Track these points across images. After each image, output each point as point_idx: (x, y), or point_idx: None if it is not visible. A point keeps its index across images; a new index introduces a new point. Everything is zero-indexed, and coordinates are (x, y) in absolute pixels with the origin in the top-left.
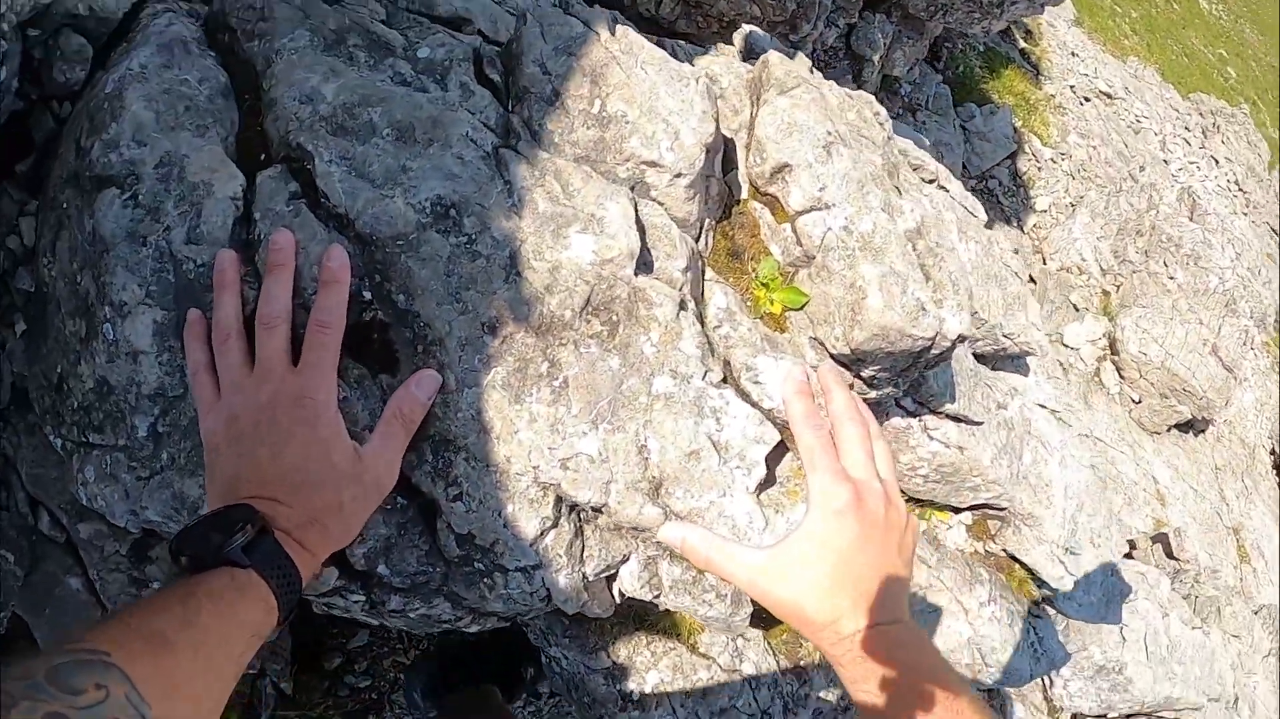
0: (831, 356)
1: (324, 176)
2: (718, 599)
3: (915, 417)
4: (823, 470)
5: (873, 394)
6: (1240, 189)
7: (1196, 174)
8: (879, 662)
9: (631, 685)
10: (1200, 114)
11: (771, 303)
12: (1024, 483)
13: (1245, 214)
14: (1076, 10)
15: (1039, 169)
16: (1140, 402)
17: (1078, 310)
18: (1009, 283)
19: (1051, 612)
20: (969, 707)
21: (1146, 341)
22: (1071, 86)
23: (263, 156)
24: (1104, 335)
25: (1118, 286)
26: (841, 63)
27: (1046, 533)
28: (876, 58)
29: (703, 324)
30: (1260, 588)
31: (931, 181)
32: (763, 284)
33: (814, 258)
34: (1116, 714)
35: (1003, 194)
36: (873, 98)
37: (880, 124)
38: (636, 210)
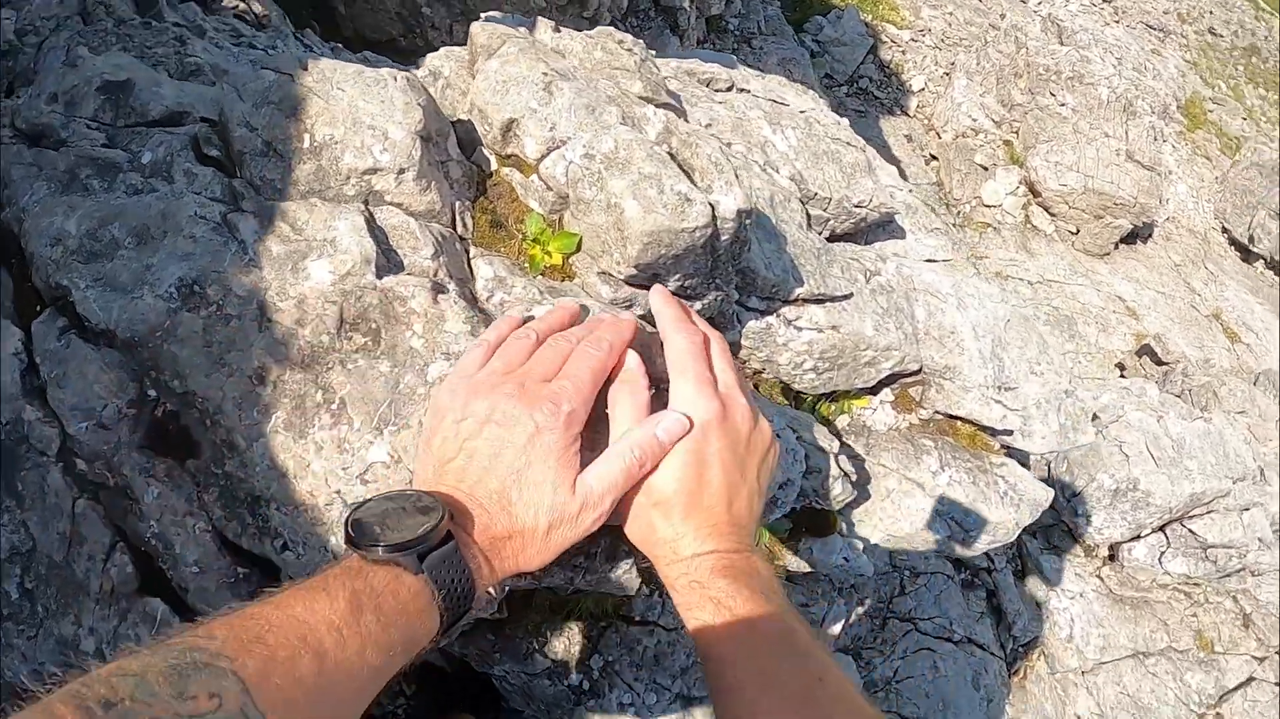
0: (627, 284)
1: (82, 303)
2: (588, 560)
3: (769, 314)
4: (692, 378)
5: (699, 305)
6: (1104, 0)
7: (1055, 1)
8: (710, 589)
9: (577, 678)
10: None
11: (549, 255)
12: (927, 340)
13: (1116, 22)
14: None
15: (903, 53)
16: (1078, 231)
17: (986, 169)
18: (843, 155)
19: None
20: (803, 641)
21: (1061, 172)
22: None
23: (38, 308)
24: (1020, 182)
25: (1016, 132)
26: (655, 21)
27: (970, 378)
28: (686, 3)
29: (476, 300)
30: (1257, 359)
31: (730, 89)
32: (534, 241)
33: (567, 196)
34: (1151, 529)
35: (876, 88)
36: (614, 30)
37: (629, 50)
38: (371, 218)
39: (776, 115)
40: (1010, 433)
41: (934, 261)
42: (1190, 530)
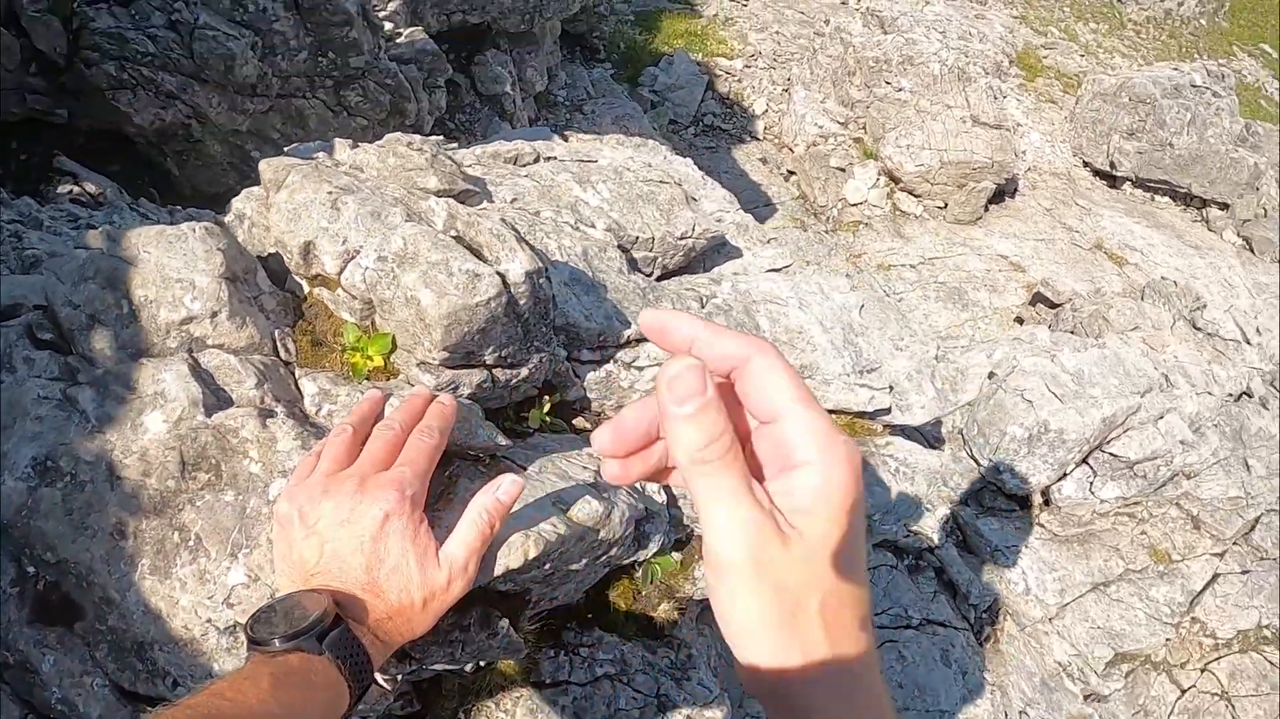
0: (446, 368)
1: None
2: (464, 633)
3: (605, 362)
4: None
5: (525, 370)
6: None
7: None
8: None
9: None
10: None
11: (370, 359)
12: (784, 349)
13: (933, 1)
14: None
15: (739, 81)
16: (946, 205)
17: (844, 170)
18: (658, 195)
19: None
20: None
21: (915, 154)
22: None
23: None
24: (879, 174)
25: (864, 128)
26: (481, 111)
27: (828, 371)
28: (508, 87)
29: (307, 417)
30: (1146, 274)
31: (536, 160)
32: (354, 349)
33: (371, 300)
34: (1074, 464)
35: (721, 121)
36: (402, 135)
37: (419, 149)
38: (195, 364)
39: (585, 174)
40: (887, 410)
41: (775, 270)
42: (1112, 454)
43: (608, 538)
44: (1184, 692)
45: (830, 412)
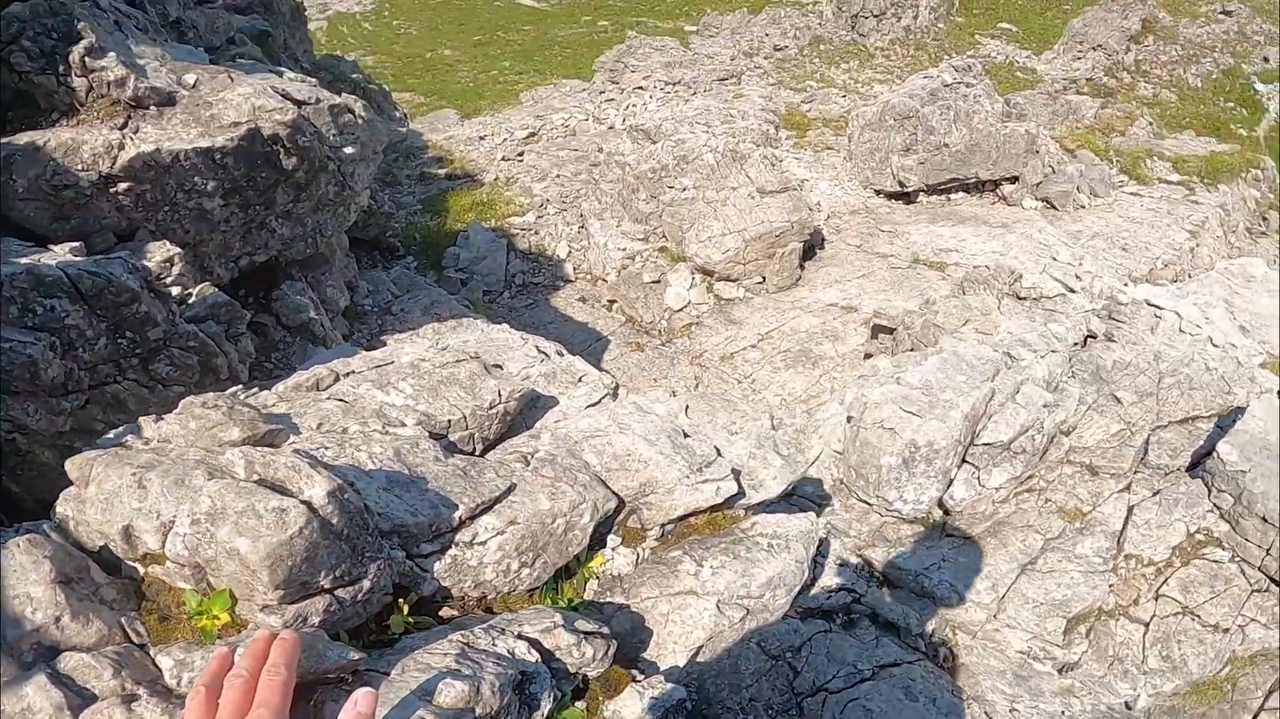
0: (288, 605)
1: None
2: None
3: (448, 548)
4: None
5: (367, 583)
6: (671, 84)
7: (634, 111)
8: None
9: None
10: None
11: (217, 618)
12: (612, 474)
13: (692, 95)
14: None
15: (537, 233)
16: (764, 279)
17: (659, 282)
18: (459, 373)
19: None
20: None
21: (716, 242)
22: (503, 157)
23: None
24: (692, 274)
25: (663, 236)
26: (295, 342)
27: (668, 480)
28: (312, 313)
29: (171, 690)
30: (968, 265)
31: (335, 380)
32: (199, 614)
33: (198, 563)
34: (955, 466)
35: (532, 276)
36: (193, 397)
37: (215, 406)
38: (55, 670)
39: (385, 378)
40: (739, 494)
41: (593, 405)
42: (986, 444)
43: (486, 712)
44: (1147, 625)
45: (683, 517)
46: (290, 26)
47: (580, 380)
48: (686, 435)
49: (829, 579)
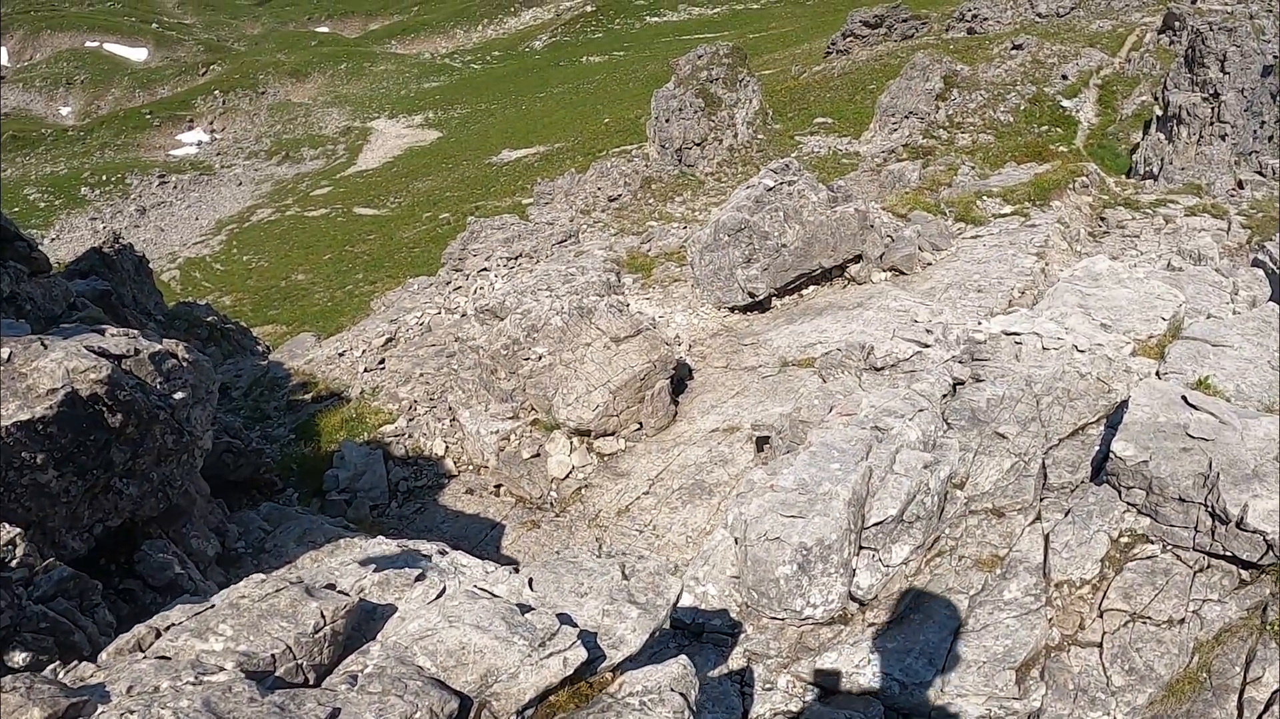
0: None
1: None
2: None
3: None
4: None
5: None
6: (512, 259)
7: (479, 293)
8: None
9: None
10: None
11: None
12: (457, 671)
13: (535, 265)
14: None
15: (410, 436)
16: (641, 425)
17: (539, 454)
18: (280, 602)
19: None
20: None
21: (584, 401)
22: (365, 368)
23: None
24: (568, 438)
25: (531, 408)
26: (165, 602)
27: (508, 664)
28: (178, 568)
29: None
30: (825, 352)
31: (157, 636)
32: None
33: None
34: (854, 557)
35: (415, 480)
36: (9, 678)
37: (13, 689)
38: None
39: (205, 624)
40: (598, 658)
41: (432, 603)
42: (877, 523)
43: None
44: (1100, 645)
45: (539, 698)
46: (136, 282)
47: (417, 580)
48: (526, 611)
49: (761, 707)
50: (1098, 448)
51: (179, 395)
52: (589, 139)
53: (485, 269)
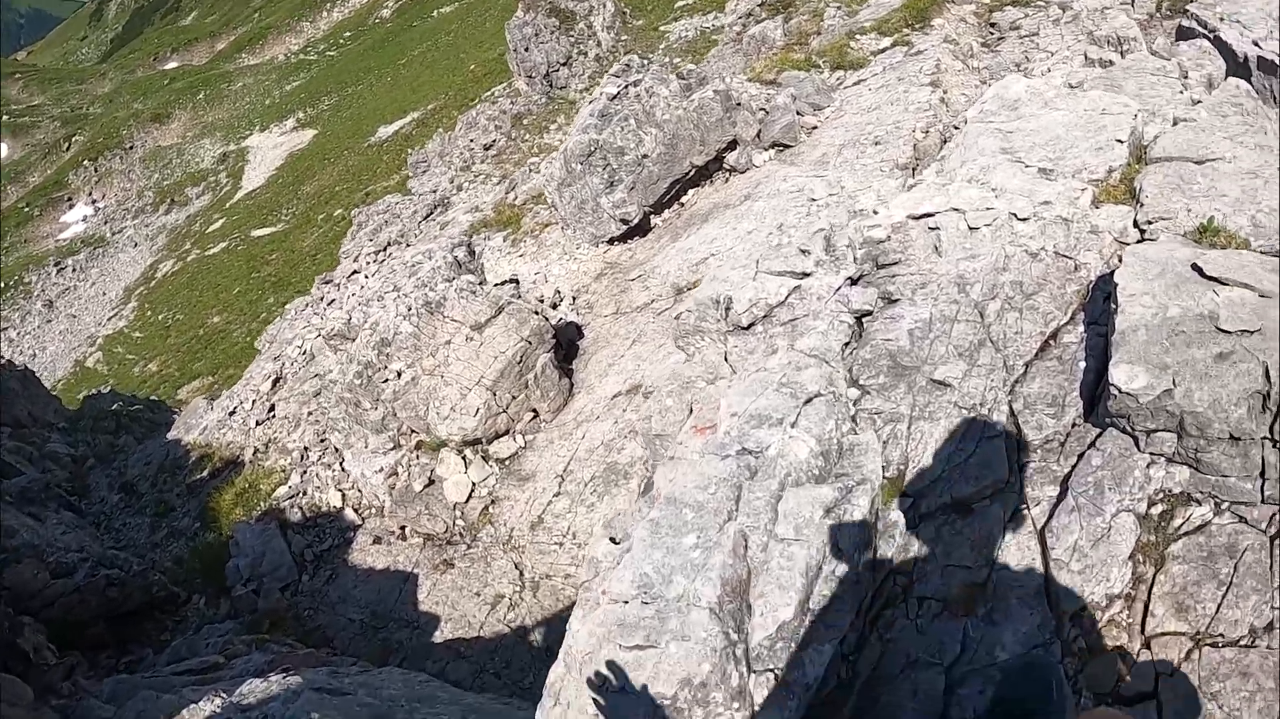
0: None
1: None
2: None
3: None
4: None
5: None
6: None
7: (361, 292)
8: None
9: None
10: None
11: None
12: None
13: (407, 249)
14: None
15: (305, 494)
16: (536, 412)
17: (434, 483)
18: None
19: None
20: None
21: (461, 408)
22: (256, 422)
23: None
24: (458, 454)
25: (410, 431)
26: None
27: None
28: None
29: None
30: (722, 276)
31: None
32: None
33: None
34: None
35: (319, 545)
36: None
37: None
38: None
39: None
40: None
41: None
42: (769, 636)
43: None
44: (1157, 700)
45: None
46: (26, 397)
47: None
48: None
49: None
50: (1083, 363)
51: None
52: (459, 91)
53: (355, 271)
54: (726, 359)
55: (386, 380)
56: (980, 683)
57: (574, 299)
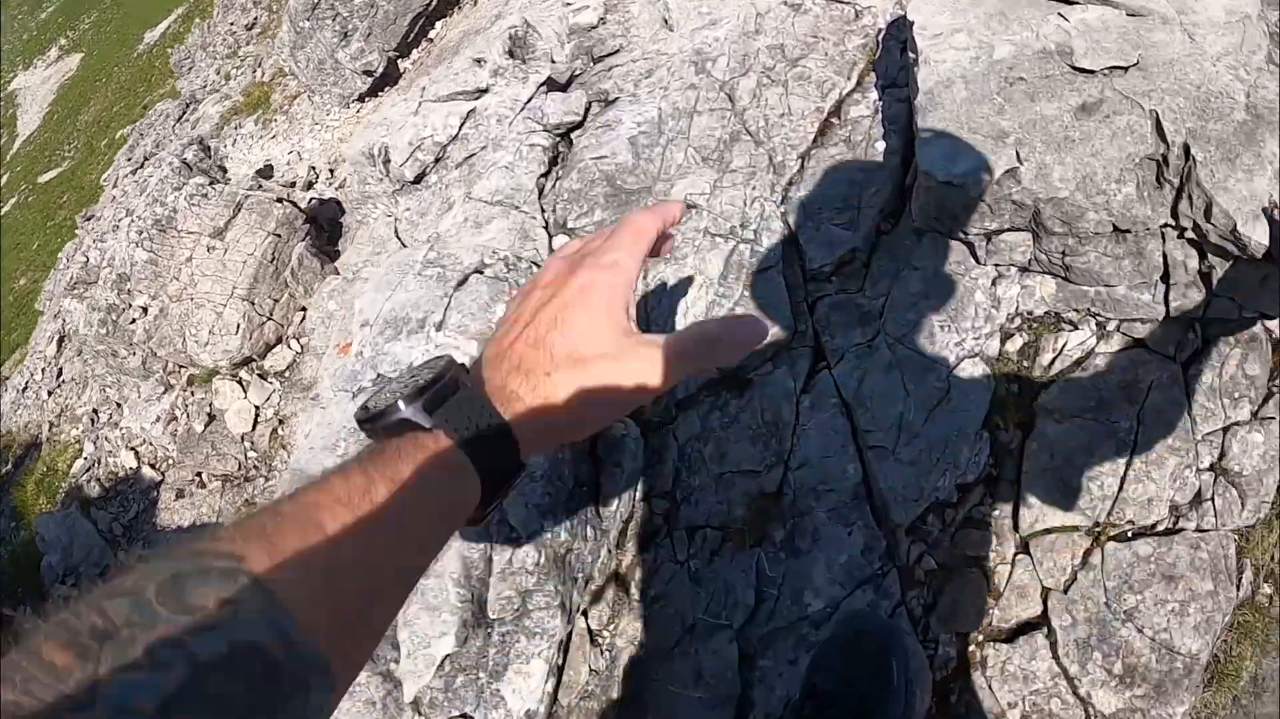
0: None
1: None
2: None
3: None
4: None
5: None
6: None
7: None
8: None
9: None
10: None
11: None
12: None
13: (155, 170)
14: None
15: (98, 462)
16: (304, 312)
17: (215, 418)
18: None
19: None
20: None
21: (221, 329)
22: (49, 392)
23: None
24: (230, 380)
25: (175, 368)
26: None
27: None
28: None
29: None
30: None
31: None
32: None
33: None
34: None
35: (124, 516)
36: None
37: None
38: None
39: None
40: None
41: None
42: None
43: None
44: (1048, 625)
45: None
46: None
47: None
48: None
49: None
50: (881, 143)
51: None
52: None
53: (114, 198)
54: (397, 233)
55: (134, 321)
56: (791, 649)
57: (331, 172)
